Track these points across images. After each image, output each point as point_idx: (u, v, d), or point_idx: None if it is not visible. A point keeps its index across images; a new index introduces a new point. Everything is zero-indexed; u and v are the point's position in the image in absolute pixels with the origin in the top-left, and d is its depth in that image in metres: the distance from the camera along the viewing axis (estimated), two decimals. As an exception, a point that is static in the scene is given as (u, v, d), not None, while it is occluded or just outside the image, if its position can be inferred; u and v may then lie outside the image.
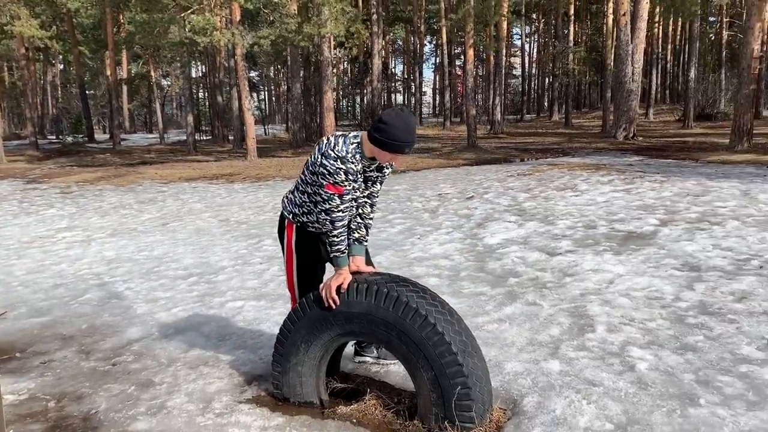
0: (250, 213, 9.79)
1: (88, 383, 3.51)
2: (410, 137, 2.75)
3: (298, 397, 3.11)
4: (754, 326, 3.86)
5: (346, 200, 2.87)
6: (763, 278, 4.81)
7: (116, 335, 4.31)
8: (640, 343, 3.69)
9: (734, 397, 2.97)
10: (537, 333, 3.93)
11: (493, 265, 5.70)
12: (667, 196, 8.71)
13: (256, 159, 20.49)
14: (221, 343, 4.05)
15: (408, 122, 2.74)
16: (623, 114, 22.59)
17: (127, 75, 41.41)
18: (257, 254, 6.70)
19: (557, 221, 7.50)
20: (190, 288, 5.46)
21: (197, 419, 3.02)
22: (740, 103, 16.14)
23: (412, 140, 2.76)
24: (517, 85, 57.00)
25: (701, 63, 34.24)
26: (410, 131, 2.74)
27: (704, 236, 6.24)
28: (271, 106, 63.63)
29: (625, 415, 2.84)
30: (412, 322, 2.71)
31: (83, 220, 9.71)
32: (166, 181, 15.21)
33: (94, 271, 6.22)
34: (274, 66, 43.74)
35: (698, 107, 29.68)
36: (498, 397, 3.06)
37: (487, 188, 10.83)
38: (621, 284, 4.88)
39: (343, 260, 2.93)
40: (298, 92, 25.50)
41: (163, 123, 36.30)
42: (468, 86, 22.19)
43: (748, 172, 11.09)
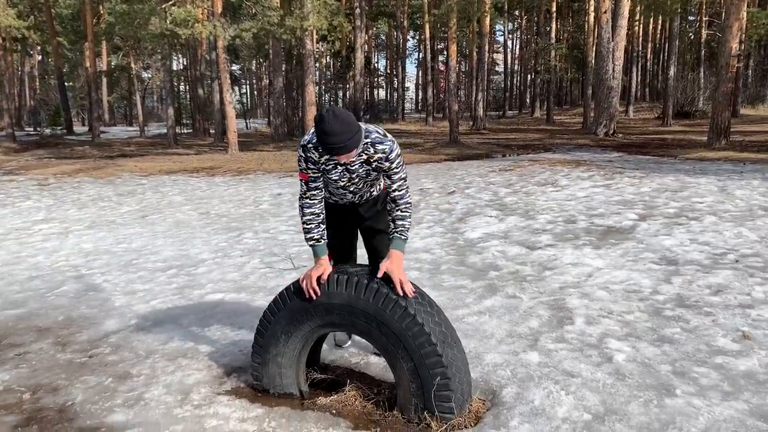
0: (230, 206, 9.73)
1: (64, 375, 3.47)
2: (329, 140, 2.66)
3: (277, 388, 3.09)
4: (730, 319, 3.92)
5: (312, 188, 2.98)
6: (738, 272, 4.88)
7: (93, 327, 4.26)
8: (618, 335, 3.73)
9: (710, 388, 3.01)
10: (516, 325, 3.96)
11: (474, 259, 5.72)
12: (646, 192, 8.80)
13: (237, 153, 20.36)
14: (200, 335, 4.02)
15: (327, 124, 2.65)
16: (604, 111, 22.78)
17: (106, 67, 40.92)
18: (238, 247, 6.66)
19: (538, 216, 7.55)
20: (169, 280, 5.41)
21: (175, 411, 3.00)
22: (718, 101, 16.33)
23: (331, 143, 2.66)
24: (499, 82, 57.22)
25: (681, 61, 34.61)
26: (328, 133, 2.65)
27: (682, 231, 6.31)
28: (253, 100, 63.27)
29: (602, 405, 2.86)
30: (392, 313, 2.71)
31: (61, 212, 9.58)
32: (146, 174, 15.06)
33: (71, 263, 6.14)
34: (256, 59, 43.47)
35: (677, 105, 30.01)
36: (477, 387, 3.07)
37: (468, 183, 10.86)
38: (600, 277, 4.93)
39: (319, 249, 2.97)
40: (280, 86, 25.37)
41: (143, 116, 35.94)
42: (450, 82, 22.23)
43: (726, 169, 11.24)
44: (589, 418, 2.75)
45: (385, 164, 2.94)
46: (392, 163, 2.93)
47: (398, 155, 2.95)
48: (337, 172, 3.01)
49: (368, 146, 2.90)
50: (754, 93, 34.16)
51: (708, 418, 2.73)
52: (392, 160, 2.92)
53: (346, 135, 2.67)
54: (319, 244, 2.98)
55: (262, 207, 9.55)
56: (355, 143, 2.73)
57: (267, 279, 5.34)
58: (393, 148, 2.92)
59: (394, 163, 2.93)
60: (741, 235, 6.04)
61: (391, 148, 2.91)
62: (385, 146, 2.90)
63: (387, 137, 2.94)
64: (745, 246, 5.68)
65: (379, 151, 2.91)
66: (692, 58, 37.33)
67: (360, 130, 2.77)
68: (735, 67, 16.08)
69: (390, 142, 2.92)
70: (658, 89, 41.63)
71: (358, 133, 2.74)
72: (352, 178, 3.06)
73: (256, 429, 2.79)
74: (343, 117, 2.69)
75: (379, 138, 2.91)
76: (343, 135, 2.66)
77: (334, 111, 2.70)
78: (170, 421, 2.89)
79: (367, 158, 2.94)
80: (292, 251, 6.32)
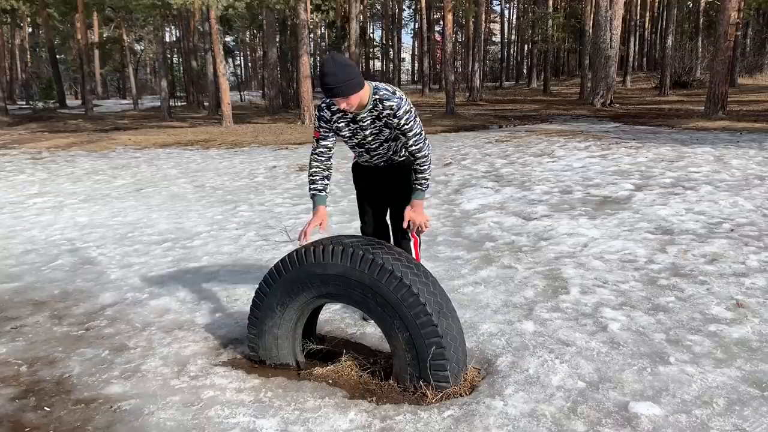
0: (225, 179, 9.68)
1: (61, 348, 3.47)
2: (326, 80, 2.79)
3: (274, 359, 3.10)
4: (724, 287, 3.94)
5: (322, 145, 3.17)
6: (733, 241, 4.90)
7: (89, 300, 4.26)
8: (613, 304, 3.74)
9: (703, 355, 3.03)
10: (512, 295, 3.97)
11: (470, 230, 5.72)
12: (643, 162, 8.79)
13: (231, 125, 20.23)
14: (196, 308, 4.02)
15: (325, 66, 2.81)
16: (601, 81, 22.64)
17: (98, 39, 40.30)
18: (233, 220, 6.64)
19: (534, 187, 7.54)
20: (164, 253, 5.40)
21: (172, 382, 3.01)
22: (716, 71, 16.23)
23: (328, 83, 2.79)
24: (496, 52, 56.73)
25: (678, 31, 34.28)
26: (326, 73, 2.79)
27: (678, 200, 6.31)
28: (247, 71, 62.66)
29: (597, 373, 2.88)
30: (387, 283, 2.70)
31: (55, 185, 9.52)
32: (140, 147, 14.97)
33: (66, 237, 6.13)
34: (249, 30, 42.94)
35: (675, 75, 29.81)
36: (473, 357, 3.09)
37: (465, 155, 10.82)
38: (595, 247, 4.94)
39: (318, 200, 3.17)
40: (275, 57, 25.10)
41: (136, 88, 35.58)
42: (447, 52, 22.01)
43: (722, 138, 11.22)
44: (584, 385, 2.78)
45: (394, 121, 2.99)
46: (401, 120, 2.97)
47: (407, 111, 2.98)
48: (349, 130, 3.12)
49: (377, 102, 2.96)
50: (752, 62, 33.90)
51: (701, 384, 2.75)
52: (400, 117, 2.97)
53: (342, 77, 2.77)
54: (320, 195, 3.18)
55: (257, 180, 9.51)
56: (350, 88, 2.80)
57: (263, 251, 5.33)
58: (401, 104, 2.96)
59: (402, 120, 2.98)
60: (736, 205, 6.05)
61: (398, 104, 2.95)
62: (392, 102, 2.95)
63: (396, 94, 2.98)
64: (740, 215, 5.69)
65: (386, 108, 2.96)
66: (690, 27, 37.02)
67: (358, 78, 2.84)
68: (733, 36, 15.94)
69: (398, 99, 2.96)
70: (655, 59, 41.30)
71: (356, 80, 2.82)
72: (366, 136, 3.13)
73: (252, 399, 2.80)
74: (342, 61, 2.82)
75: (387, 95, 2.96)
76: (338, 76, 2.76)
77: (334, 56, 2.84)
78: (167, 392, 2.91)
79: (377, 114, 3.00)
80: (287, 223, 6.31)
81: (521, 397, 2.69)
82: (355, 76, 2.82)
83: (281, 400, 2.78)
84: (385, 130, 3.10)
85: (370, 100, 2.96)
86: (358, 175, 3.56)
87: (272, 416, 2.65)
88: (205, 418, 2.66)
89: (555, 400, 2.66)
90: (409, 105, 3.01)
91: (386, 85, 3.02)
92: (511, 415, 2.57)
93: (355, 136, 3.16)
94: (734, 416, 2.50)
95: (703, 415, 2.51)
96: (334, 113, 3.08)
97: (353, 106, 2.90)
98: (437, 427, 2.51)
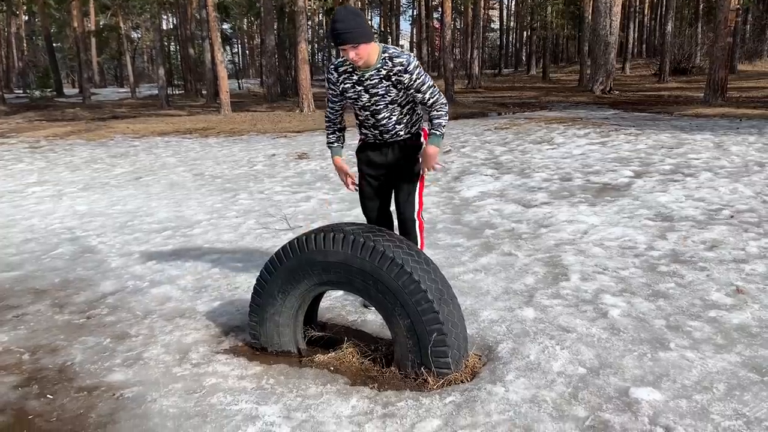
0: (224, 167, 9.67)
1: (63, 336, 3.48)
2: (336, 25, 2.90)
3: (275, 346, 3.11)
4: (724, 273, 3.95)
5: (330, 106, 3.39)
6: (733, 227, 4.90)
7: (90, 289, 4.26)
8: (613, 290, 3.75)
9: (703, 341, 3.04)
10: (512, 282, 3.98)
11: (470, 218, 5.72)
12: (642, 149, 8.78)
13: (230, 113, 20.17)
14: (197, 296, 4.03)
15: (336, 13, 2.94)
16: (600, 68, 22.56)
17: (95, 26, 40.09)
18: (233, 208, 6.64)
19: (533, 174, 7.53)
20: (165, 242, 5.40)
21: (174, 370, 3.02)
22: (715, 57, 16.18)
23: (337, 29, 2.89)
24: (495, 39, 56.49)
25: (678, 17, 34.12)
26: (336, 20, 2.91)
27: (677, 187, 6.31)
28: (245, 59, 62.38)
29: (597, 359, 2.90)
30: (388, 271, 2.71)
31: (53, 174, 9.51)
32: (139, 136, 14.93)
33: (66, 226, 6.12)
34: (247, 17, 42.67)
35: (674, 61, 29.71)
36: (473, 343, 3.10)
37: (464, 142, 10.80)
38: (595, 234, 4.94)
39: (334, 150, 3.48)
40: (272, 45, 24.97)
41: (134, 77, 35.43)
42: (445, 39, 21.91)
43: (722, 125, 11.20)
44: (584, 371, 2.79)
45: (405, 76, 3.06)
46: (413, 74, 3.06)
47: (417, 66, 3.07)
48: (354, 92, 3.19)
49: (386, 60, 3.04)
50: (751, 48, 33.77)
51: (701, 370, 2.76)
52: (411, 72, 3.05)
53: (352, 23, 2.89)
54: (334, 146, 3.47)
55: (256, 168, 9.50)
56: (360, 35, 2.90)
57: (263, 239, 5.34)
58: (410, 60, 3.05)
59: (414, 74, 3.06)
60: (736, 191, 6.05)
61: (408, 60, 3.04)
62: (402, 59, 3.03)
63: (405, 52, 3.08)
64: (740, 202, 5.69)
65: (396, 64, 3.04)
66: (690, 14, 36.84)
67: (368, 29, 2.96)
68: (733, 22, 15.87)
69: (407, 56, 3.05)
70: (655, 45, 41.13)
71: (366, 29, 2.94)
72: (371, 96, 3.17)
73: (254, 386, 2.81)
74: (353, 11, 2.97)
75: (397, 52, 3.06)
76: (349, 23, 2.88)
77: (347, 6, 3.06)
78: (169, 380, 2.92)
79: (387, 72, 3.07)
80: (287, 211, 6.31)
81: (522, 383, 2.70)
82: (365, 25, 2.93)
83: (283, 387, 2.79)
84: (392, 91, 3.14)
85: (378, 59, 3.04)
86: (361, 159, 3.55)
87: (274, 403, 2.66)
88: (207, 405, 2.67)
89: (556, 386, 2.67)
90: (417, 60, 3.10)
91: (395, 46, 3.13)
92: (513, 401, 2.58)
93: (360, 98, 3.21)
94: (734, 401, 2.51)
95: (703, 400, 2.52)
96: (341, 74, 3.17)
97: (362, 59, 2.98)
98: (439, 413, 2.52)
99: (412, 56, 3.08)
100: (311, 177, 8.43)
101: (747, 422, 2.37)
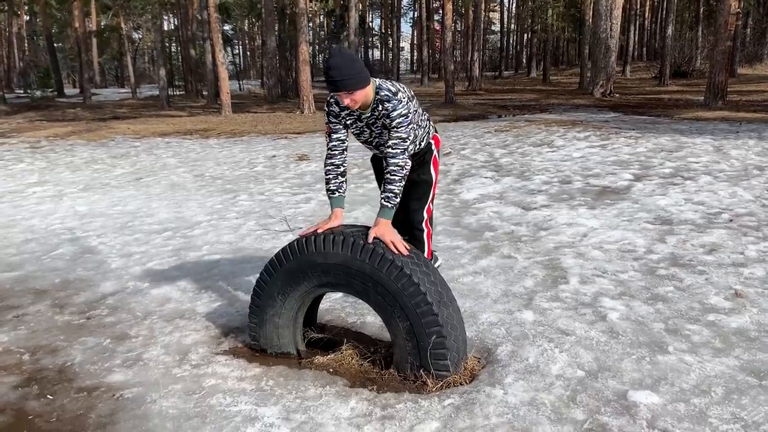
0: (225, 168, 9.68)
1: (63, 336, 3.49)
2: (331, 73, 2.75)
3: (275, 348, 3.12)
4: (723, 277, 3.95)
5: (334, 139, 3.08)
6: (732, 231, 4.91)
7: (90, 289, 4.27)
8: (612, 294, 3.76)
9: (701, 345, 3.05)
10: (511, 285, 3.99)
11: (469, 220, 5.73)
12: (642, 152, 8.79)
13: (230, 114, 20.17)
14: (197, 297, 4.04)
15: (330, 59, 2.79)
16: (601, 70, 22.57)
17: (96, 27, 40.13)
18: (233, 209, 6.65)
19: (533, 177, 7.54)
20: (165, 242, 5.41)
21: (174, 371, 3.03)
22: (715, 61, 16.20)
23: (332, 76, 2.74)
24: (495, 41, 56.55)
25: (679, 20, 34.16)
26: (331, 66, 2.75)
27: (677, 191, 6.33)
28: (246, 60, 62.43)
29: (596, 362, 2.90)
30: (388, 273, 2.71)
31: (54, 174, 9.51)
32: (139, 137, 14.93)
33: (66, 226, 6.13)
34: (248, 19, 42.72)
35: (674, 65, 29.75)
36: (473, 346, 3.11)
37: (464, 144, 10.81)
38: (595, 237, 4.95)
39: (333, 202, 3.07)
40: (273, 46, 25.00)
41: (134, 77, 35.41)
42: (446, 41, 21.93)
43: (722, 129, 11.21)
44: (583, 374, 2.80)
45: (386, 121, 2.93)
46: (393, 121, 2.89)
47: (402, 115, 2.87)
48: (358, 127, 3.08)
49: (378, 102, 2.91)
50: (752, 52, 33.79)
51: (699, 373, 2.77)
52: (393, 118, 2.88)
53: (346, 71, 2.73)
54: (334, 196, 3.06)
55: (256, 169, 9.51)
56: (356, 82, 2.76)
57: (263, 241, 5.34)
58: (397, 107, 2.87)
59: (395, 121, 2.88)
60: (736, 195, 6.06)
61: (395, 107, 2.87)
62: (389, 105, 2.88)
63: (396, 96, 2.89)
64: (739, 205, 5.70)
65: (384, 108, 2.91)
66: (691, 17, 36.87)
67: (365, 74, 2.79)
68: (734, 26, 15.89)
69: (396, 102, 2.88)
70: (655, 48, 41.17)
71: (362, 75, 2.77)
72: (372, 132, 3.08)
73: (254, 388, 2.82)
74: (348, 55, 2.80)
75: (388, 96, 2.89)
76: (343, 70, 2.72)
77: (341, 49, 2.82)
78: (169, 381, 2.92)
79: (378, 116, 2.96)
80: (287, 213, 6.32)
81: (521, 386, 2.71)
82: (361, 70, 2.77)
83: (282, 389, 2.80)
84: (385, 132, 3.02)
85: (374, 99, 2.91)
86: (374, 166, 3.53)
87: (273, 404, 2.67)
88: (207, 406, 2.68)
89: (554, 389, 2.68)
90: (407, 109, 2.89)
91: (390, 84, 2.95)
92: (511, 403, 2.58)
93: (362, 134, 3.13)
94: (732, 405, 2.52)
95: (701, 404, 2.53)
96: (342, 109, 3.01)
97: (357, 103, 2.84)
98: (437, 415, 2.53)
99: (401, 103, 2.88)
100: (311, 178, 8.44)
101: (745, 426, 2.37)
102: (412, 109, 2.94)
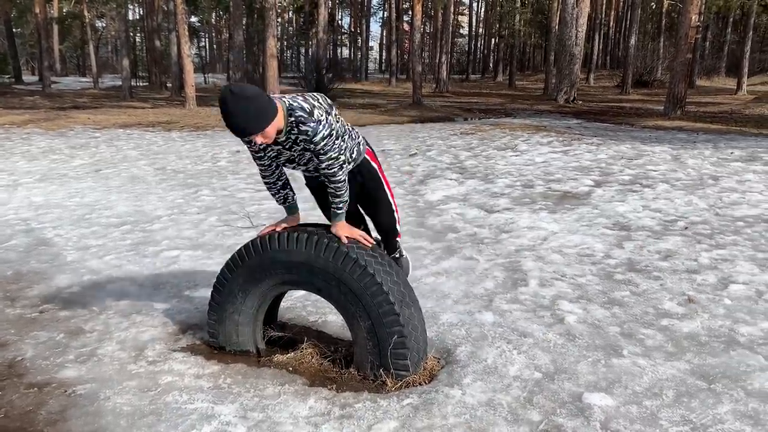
0: (187, 162, 9.53)
1: (14, 330, 3.39)
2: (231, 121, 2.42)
3: (234, 345, 3.09)
4: (677, 283, 4.06)
5: (260, 164, 2.83)
6: (687, 238, 5.04)
7: (44, 282, 4.16)
8: (570, 297, 3.82)
9: (654, 349, 3.13)
10: (472, 286, 4.02)
11: (433, 221, 5.76)
12: (603, 159, 8.96)
13: (195, 108, 19.88)
14: (155, 292, 3.97)
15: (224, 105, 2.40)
16: (565, 77, 22.95)
17: (58, 13, 39.08)
18: (194, 204, 6.55)
19: (497, 180, 7.62)
20: (123, 236, 5.30)
21: (129, 367, 2.97)
22: (676, 72, 16.62)
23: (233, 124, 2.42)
24: (463, 45, 56.96)
25: (642, 31, 34.94)
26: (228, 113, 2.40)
27: (635, 198, 6.47)
28: (212, 54, 61.60)
29: (553, 364, 2.95)
30: (351, 272, 2.71)
31: (9, 164, 9.24)
32: (100, 127, 14.60)
33: (20, 217, 5.96)
34: (215, 11, 42.13)
35: (636, 74, 30.46)
36: (433, 346, 3.12)
37: (430, 146, 10.87)
38: (554, 241, 5.03)
39: (287, 210, 2.98)
40: (241, 40, 24.72)
41: (97, 67, 34.61)
42: (415, 43, 22.00)
43: (680, 138, 11.51)
44: (540, 376, 2.84)
45: (310, 146, 2.62)
46: (317, 146, 2.59)
47: (324, 137, 2.58)
48: (274, 150, 2.72)
49: (293, 125, 2.57)
50: (710, 65, 34.84)
51: (652, 377, 2.84)
52: (317, 143, 2.58)
53: (245, 114, 2.39)
54: (286, 206, 2.96)
55: (220, 164, 9.39)
56: (259, 123, 2.42)
57: (224, 237, 5.28)
58: (318, 130, 2.55)
59: (319, 146, 2.59)
60: (691, 203, 6.23)
61: (315, 130, 2.55)
62: (307, 128, 2.55)
63: (312, 117, 2.55)
64: (694, 214, 5.86)
65: (302, 132, 2.57)
66: (653, 28, 37.75)
67: (267, 105, 2.45)
68: (694, 38, 16.33)
69: (314, 124, 2.54)
70: (618, 57, 42.05)
71: (264, 111, 2.43)
72: (292, 155, 2.74)
73: (211, 386, 2.79)
74: (241, 95, 2.39)
75: (302, 117, 2.54)
76: (242, 115, 2.39)
77: (232, 88, 2.40)
78: (124, 377, 2.87)
79: (295, 138, 2.61)
80: (250, 209, 6.26)
81: (479, 387, 2.74)
82: (261, 106, 2.42)
83: (240, 387, 2.77)
84: (307, 152, 2.71)
85: (286, 122, 2.55)
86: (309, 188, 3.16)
87: (231, 402, 2.64)
88: (162, 404, 2.63)
89: (512, 390, 2.71)
90: (328, 128, 2.60)
91: (301, 101, 2.60)
92: (469, 404, 2.61)
93: (281, 156, 2.76)
94: (682, 408, 2.58)
95: (653, 406, 2.59)
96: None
97: (271, 138, 2.52)
98: (396, 414, 2.53)
99: (320, 123, 2.55)
100: (276, 175, 8.36)
101: (694, 428, 2.44)
102: (333, 124, 2.65)
